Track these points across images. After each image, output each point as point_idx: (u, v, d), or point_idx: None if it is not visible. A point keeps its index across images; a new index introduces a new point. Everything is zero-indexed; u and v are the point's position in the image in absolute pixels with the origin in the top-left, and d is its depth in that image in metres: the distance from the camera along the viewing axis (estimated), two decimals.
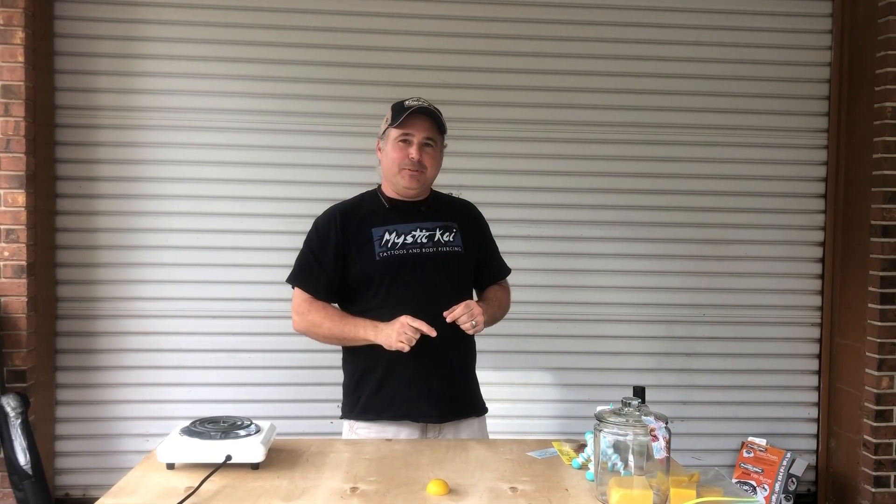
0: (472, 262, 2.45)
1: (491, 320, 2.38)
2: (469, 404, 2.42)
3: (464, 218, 2.47)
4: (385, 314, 2.27)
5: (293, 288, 2.43)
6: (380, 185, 2.45)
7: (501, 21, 3.92)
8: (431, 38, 3.90)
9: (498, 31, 3.92)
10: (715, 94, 4.02)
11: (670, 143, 4.01)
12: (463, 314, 2.22)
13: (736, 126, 4.03)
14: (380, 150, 2.41)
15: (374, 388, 2.33)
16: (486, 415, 2.48)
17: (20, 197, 3.48)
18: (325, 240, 2.36)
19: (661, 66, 3.99)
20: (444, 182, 2.58)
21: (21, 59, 3.46)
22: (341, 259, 2.35)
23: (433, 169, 2.36)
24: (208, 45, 3.81)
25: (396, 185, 2.37)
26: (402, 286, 2.30)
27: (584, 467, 1.92)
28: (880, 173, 3.74)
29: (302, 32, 3.84)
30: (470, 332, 2.26)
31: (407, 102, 2.33)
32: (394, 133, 2.33)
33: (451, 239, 2.37)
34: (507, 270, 2.59)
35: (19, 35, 3.45)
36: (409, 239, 2.33)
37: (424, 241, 2.34)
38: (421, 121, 2.32)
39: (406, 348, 2.19)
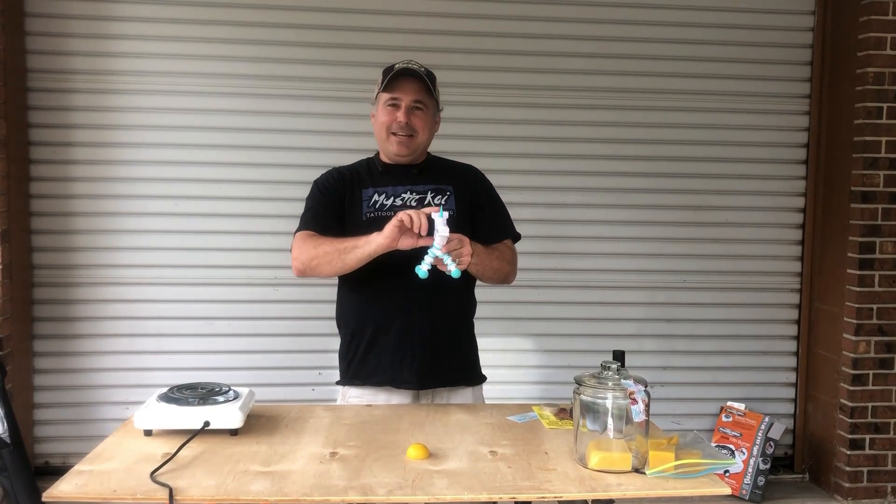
0: (467, 227, 2.26)
1: (484, 267, 2.19)
2: (457, 373, 2.34)
3: (461, 181, 2.37)
4: (372, 276, 2.22)
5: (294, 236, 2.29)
6: (378, 152, 2.38)
7: None
8: (414, 1, 3.83)
9: None
10: (696, 60, 3.99)
11: (651, 108, 3.98)
12: (454, 248, 2.02)
13: (717, 91, 4.01)
14: (373, 115, 2.34)
15: (361, 353, 2.29)
16: (483, 384, 2.41)
17: None
18: (328, 192, 2.30)
19: (642, 30, 3.95)
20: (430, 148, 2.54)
21: None
22: (340, 214, 2.28)
23: (424, 132, 2.28)
24: (184, 7, 3.73)
25: (387, 151, 2.32)
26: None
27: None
28: (861, 139, 3.74)
29: None
30: (449, 270, 2.03)
31: (397, 65, 2.26)
32: (383, 97, 2.26)
33: (443, 203, 2.29)
34: (513, 235, 2.40)
35: None
36: (399, 201, 2.27)
37: (413, 204, 2.26)
38: (408, 83, 2.24)
39: (398, 225, 2.03)
